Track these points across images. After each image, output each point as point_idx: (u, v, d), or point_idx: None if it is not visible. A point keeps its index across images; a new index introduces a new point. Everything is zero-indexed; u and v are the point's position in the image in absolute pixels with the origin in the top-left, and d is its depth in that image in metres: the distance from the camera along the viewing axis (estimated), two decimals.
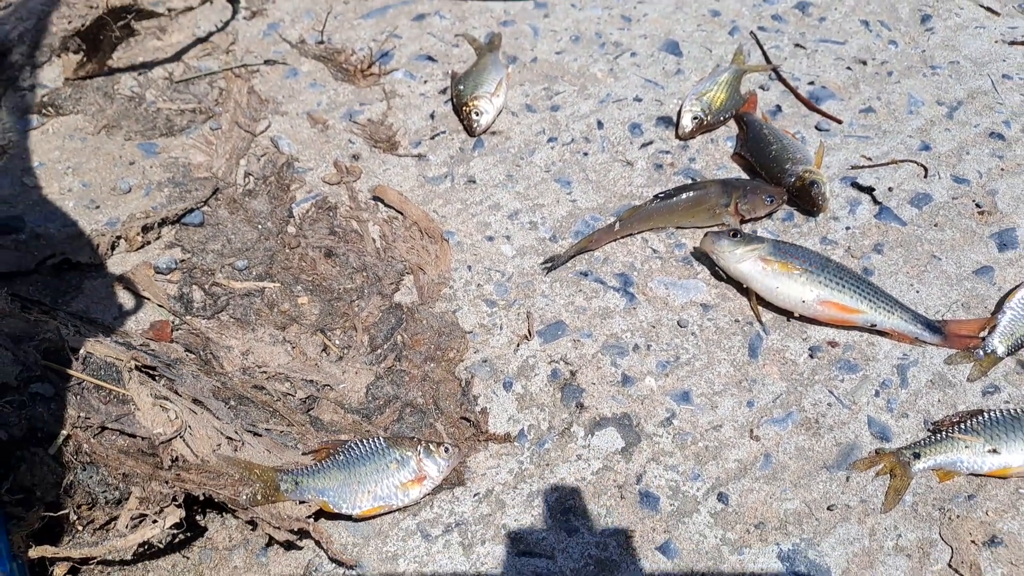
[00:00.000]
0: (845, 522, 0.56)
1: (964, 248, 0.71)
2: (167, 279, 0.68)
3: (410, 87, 0.85)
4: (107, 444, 0.50)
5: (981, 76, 0.87)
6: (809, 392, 0.63)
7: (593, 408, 0.62)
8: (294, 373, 0.61)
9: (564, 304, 0.68)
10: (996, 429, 0.59)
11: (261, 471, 0.52)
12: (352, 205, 0.74)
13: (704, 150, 0.79)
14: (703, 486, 0.58)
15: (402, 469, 0.55)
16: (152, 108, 0.81)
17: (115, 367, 0.52)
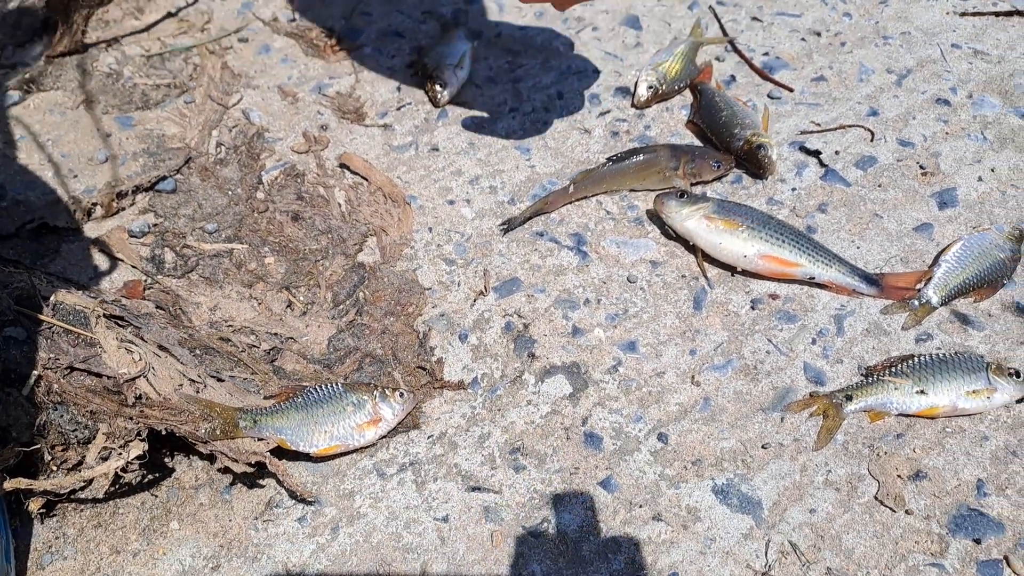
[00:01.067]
0: (778, 459, 0.59)
1: (906, 207, 0.74)
2: (140, 242, 0.71)
3: (378, 61, 0.89)
4: (75, 384, 0.53)
5: (931, 46, 0.89)
6: (749, 341, 0.66)
7: (544, 358, 0.65)
8: (259, 327, 0.65)
9: (520, 262, 0.71)
10: (924, 372, 0.62)
11: (221, 409, 0.55)
12: (319, 172, 0.77)
13: (659, 118, 0.83)
14: (645, 427, 0.61)
15: (358, 412, 0.58)
16: (129, 84, 0.84)
17: (83, 313, 0.56)
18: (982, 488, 0.57)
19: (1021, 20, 0.92)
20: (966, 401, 0.60)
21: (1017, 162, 0.77)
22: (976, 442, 0.60)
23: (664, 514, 0.57)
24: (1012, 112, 0.82)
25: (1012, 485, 0.57)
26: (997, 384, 0.61)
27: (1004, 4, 0.94)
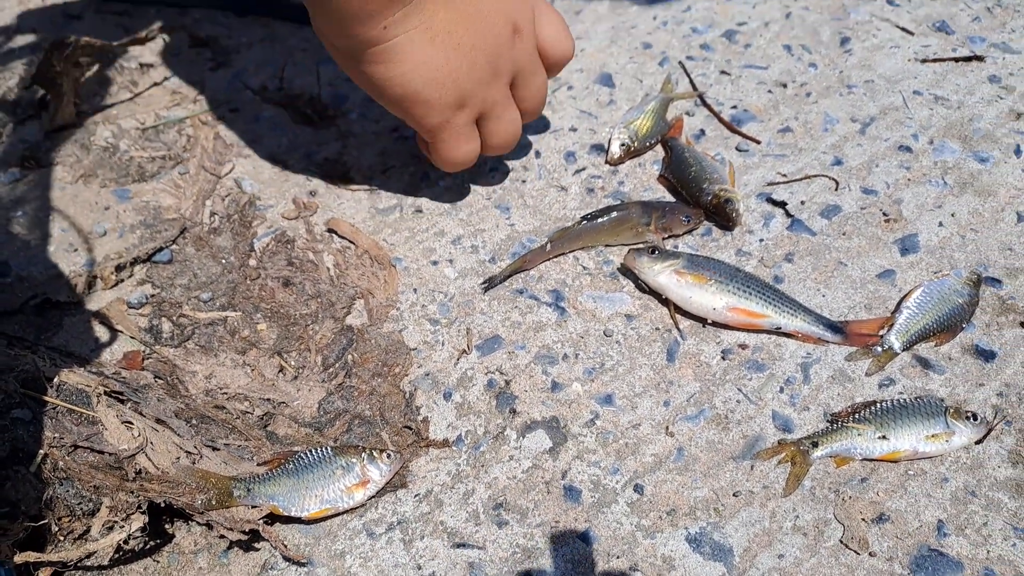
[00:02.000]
0: (748, 506, 0.62)
1: (869, 254, 0.78)
2: (139, 313, 0.75)
3: (363, 126, 0.93)
4: (79, 460, 0.57)
5: (893, 93, 0.93)
6: (720, 391, 0.69)
7: (525, 413, 0.68)
8: (252, 393, 0.68)
9: (501, 320, 0.75)
10: (885, 417, 0.65)
11: (216, 479, 0.58)
12: (309, 238, 0.81)
13: (632, 174, 0.86)
14: (621, 479, 0.64)
15: (347, 474, 0.62)
16: (125, 157, 0.88)
17: (85, 392, 0.59)
18: (942, 528, 0.60)
19: (980, 65, 0.96)
20: (926, 445, 0.64)
21: (976, 206, 0.81)
22: (937, 484, 0.63)
23: (640, 564, 0.60)
24: (971, 157, 0.86)
25: (971, 525, 0.60)
26: (955, 427, 0.64)
27: (963, 49, 0.98)
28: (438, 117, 0.70)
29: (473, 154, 0.76)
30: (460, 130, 0.72)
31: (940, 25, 1.02)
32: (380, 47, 0.65)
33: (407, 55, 0.66)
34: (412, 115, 0.71)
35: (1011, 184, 0.83)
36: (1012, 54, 0.97)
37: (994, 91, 0.93)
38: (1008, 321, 0.72)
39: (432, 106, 0.69)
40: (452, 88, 0.68)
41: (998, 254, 0.77)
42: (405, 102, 0.69)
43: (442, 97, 0.69)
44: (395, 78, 0.67)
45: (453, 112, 0.70)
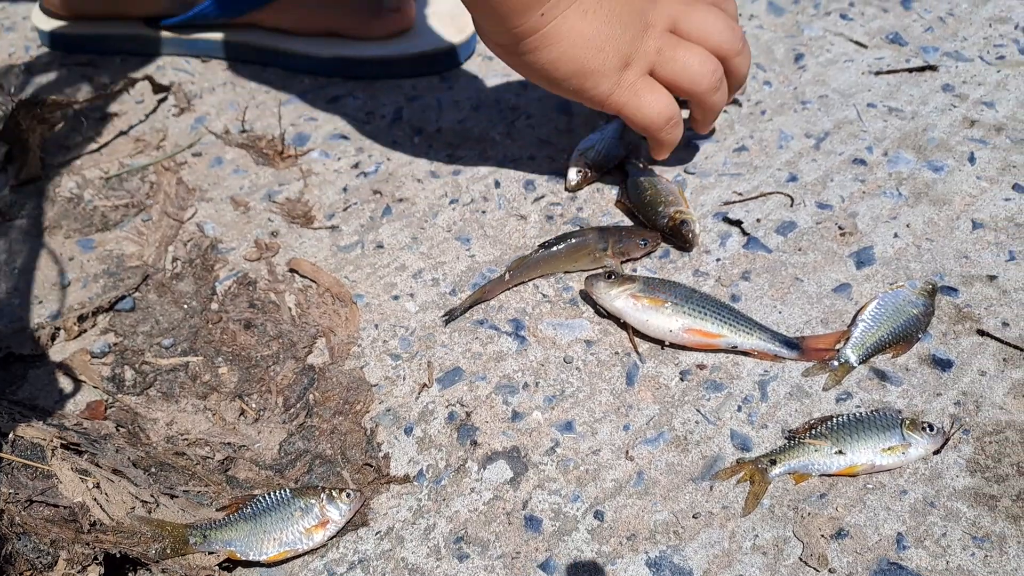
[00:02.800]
0: (708, 528, 0.62)
1: (825, 269, 0.78)
2: (102, 362, 0.75)
3: (325, 165, 0.94)
4: (36, 515, 0.57)
5: (848, 107, 0.94)
6: (679, 412, 0.69)
7: (486, 444, 0.69)
8: (213, 437, 0.68)
9: (462, 352, 0.75)
10: (841, 432, 0.65)
11: (172, 528, 0.59)
12: (270, 279, 0.82)
13: (591, 200, 0.87)
14: (582, 506, 0.64)
15: (306, 516, 0.62)
16: (89, 207, 0.89)
17: (40, 446, 0.60)
18: (902, 541, 0.60)
19: (933, 74, 0.97)
20: (883, 458, 0.64)
21: (931, 216, 0.82)
22: (895, 496, 0.63)
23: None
24: (926, 166, 0.86)
25: (930, 536, 0.60)
26: (911, 439, 0.64)
27: (916, 60, 0.99)
28: (609, 81, 0.75)
29: (667, 104, 0.78)
30: (635, 86, 0.76)
31: (893, 37, 1.03)
32: (540, 33, 0.72)
33: (565, 34, 0.72)
34: (585, 89, 0.76)
35: (965, 192, 0.84)
36: (964, 62, 0.98)
37: (947, 100, 0.94)
38: (964, 329, 0.72)
39: (600, 73, 0.74)
40: (613, 51, 0.74)
41: (954, 263, 0.77)
42: (575, 78, 0.74)
43: (606, 62, 0.74)
44: (559, 58, 0.73)
45: (620, 73, 0.75)
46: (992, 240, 0.79)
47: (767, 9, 1.09)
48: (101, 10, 1.05)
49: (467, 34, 1.04)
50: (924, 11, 1.06)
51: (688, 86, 0.78)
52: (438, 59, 1.03)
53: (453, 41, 1.03)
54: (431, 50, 1.02)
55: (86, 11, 1.05)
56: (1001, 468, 0.63)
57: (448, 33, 1.04)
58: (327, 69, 1.03)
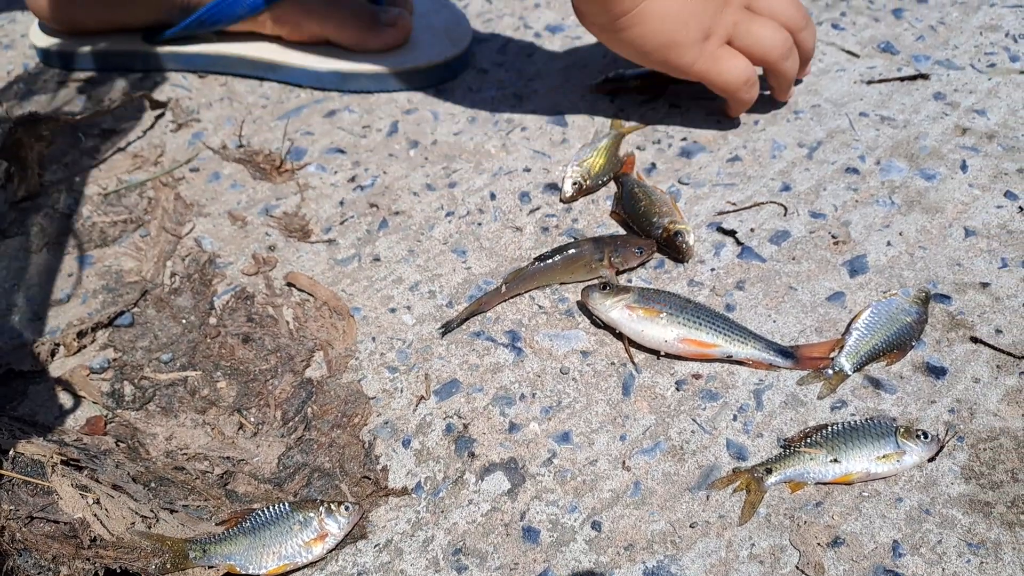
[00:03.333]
0: (705, 537, 0.63)
1: (819, 277, 0.79)
2: (101, 378, 0.76)
3: (321, 179, 0.94)
4: (36, 531, 0.57)
5: (840, 116, 0.95)
6: (675, 422, 0.70)
7: (483, 456, 0.69)
8: (212, 452, 0.69)
9: (459, 364, 0.76)
10: (836, 440, 0.66)
11: (172, 542, 0.59)
12: (268, 292, 0.82)
13: (586, 211, 0.88)
14: (580, 517, 0.65)
15: (305, 529, 0.62)
16: (88, 223, 0.90)
17: (40, 463, 0.60)
18: (897, 549, 0.61)
19: (925, 83, 0.98)
20: (878, 466, 0.64)
21: (924, 223, 0.82)
22: (891, 504, 0.63)
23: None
24: (918, 175, 0.87)
25: (925, 543, 0.61)
26: (906, 447, 0.64)
27: (908, 69, 1.00)
28: (692, 52, 0.84)
29: (745, 67, 0.87)
30: (717, 54, 0.85)
31: (885, 46, 1.04)
32: (634, 11, 0.81)
33: (656, 11, 0.81)
34: (671, 60, 0.85)
35: (958, 200, 0.84)
36: (956, 70, 0.99)
37: (939, 108, 0.95)
38: (958, 337, 0.73)
39: (685, 44, 0.83)
40: (695, 24, 0.83)
41: (947, 270, 0.78)
42: (662, 49, 0.84)
43: (689, 34, 0.83)
44: (649, 33, 0.83)
45: (702, 44, 0.84)
46: (985, 247, 0.79)
47: None
48: (99, 23, 1.06)
49: (462, 47, 1.05)
50: (915, 20, 1.07)
51: (762, 54, 0.87)
52: (434, 72, 1.04)
53: (448, 54, 1.04)
54: (427, 64, 1.03)
55: (85, 25, 1.06)
56: (996, 475, 0.64)
57: (444, 46, 1.04)
58: (323, 82, 1.04)
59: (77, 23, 1.06)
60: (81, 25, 1.06)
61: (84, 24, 1.06)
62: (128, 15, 1.05)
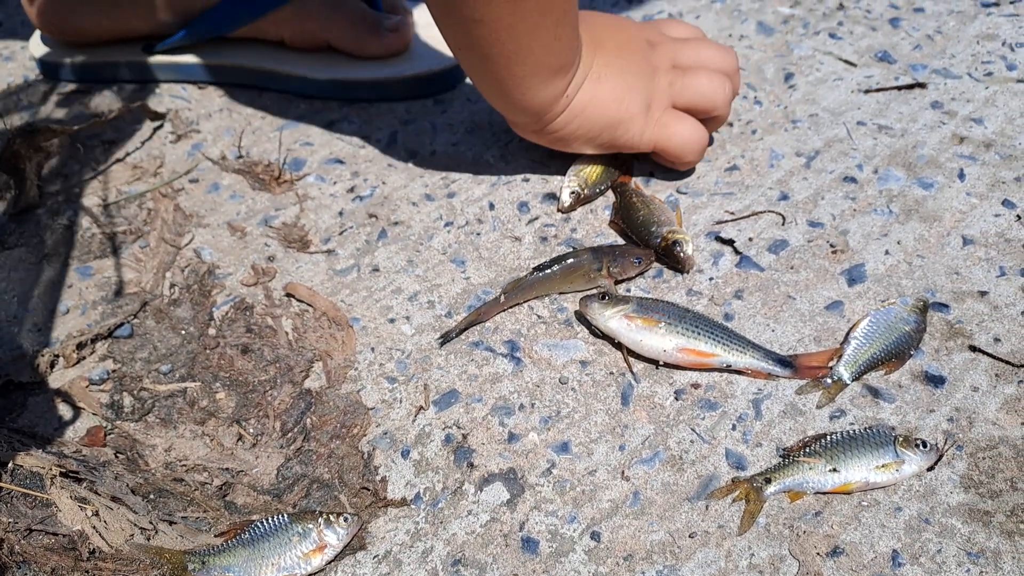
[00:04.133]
0: (704, 547, 0.63)
1: (817, 286, 0.79)
2: (100, 389, 0.76)
3: (321, 189, 0.94)
4: (35, 544, 0.57)
5: (838, 125, 0.95)
6: (674, 432, 0.70)
7: (482, 466, 0.69)
8: (211, 463, 0.69)
9: (458, 374, 0.76)
10: (835, 449, 0.66)
11: (170, 554, 0.59)
12: (267, 303, 0.82)
13: (584, 220, 0.88)
14: (579, 527, 0.65)
15: (304, 540, 0.62)
16: (87, 234, 0.90)
17: (39, 475, 0.60)
18: (897, 559, 0.61)
19: (922, 91, 0.99)
20: (877, 475, 0.64)
21: (922, 232, 0.82)
22: (890, 514, 0.63)
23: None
24: (916, 183, 0.87)
25: (925, 553, 0.61)
26: (905, 456, 0.64)
27: (905, 78, 1.01)
28: (638, 124, 0.83)
29: (696, 129, 0.85)
30: (663, 119, 0.84)
31: (882, 55, 1.04)
32: (565, 111, 0.80)
33: (588, 102, 0.80)
34: (619, 139, 0.84)
35: (956, 208, 0.84)
36: (953, 79, 0.99)
37: (937, 117, 0.95)
38: (957, 345, 0.73)
39: (629, 119, 0.82)
40: (632, 99, 0.81)
41: (945, 279, 0.78)
42: (607, 130, 0.82)
43: (630, 107, 0.82)
44: (586, 123, 0.82)
45: (646, 112, 0.83)
46: (983, 256, 0.79)
47: (756, 30, 1.10)
48: (98, 32, 1.06)
49: None
50: (912, 29, 1.08)
51: (707, 105, 0.85)
52: (433, 81, 1.04)
53: (449, 63, 1.04)
54: (427, 72, 1.03)
55: (83, 34, 1.06)
56: (995, 484, 0.64)
57: (443, 55, 1.05)
58: (323, 91, 1.04)
59: (76, 32, 1.06)
60: (80, 34, 1.07)
61: (83, 33, 1.06)
62: (127, 23, 1.05)
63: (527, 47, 0.72)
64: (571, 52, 0.77)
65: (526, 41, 0.72)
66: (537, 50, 0.73)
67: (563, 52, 0.75)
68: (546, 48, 0.73)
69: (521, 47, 0.72)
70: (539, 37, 0.72)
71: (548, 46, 0.73)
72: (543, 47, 0.73)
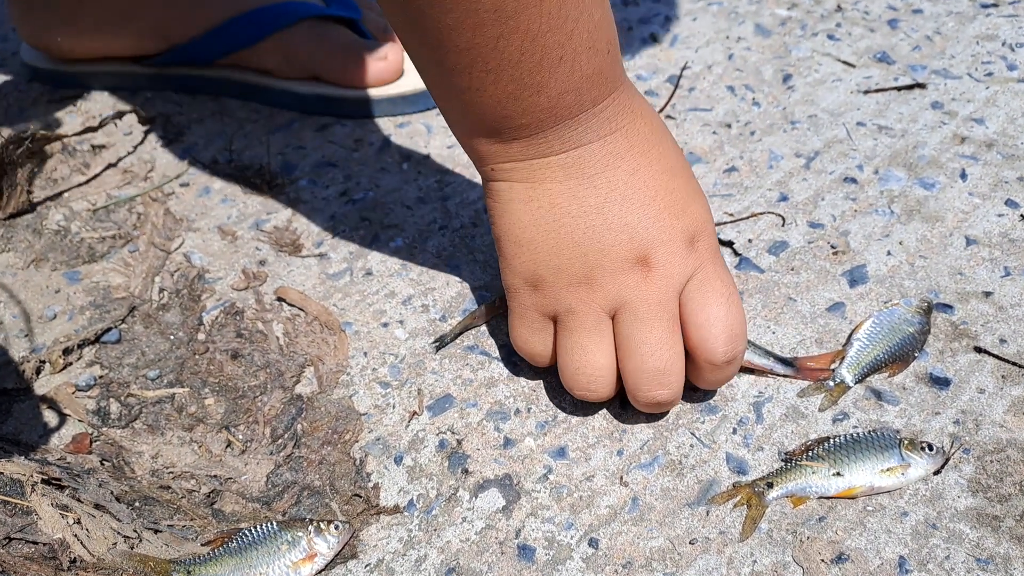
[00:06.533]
0: (705, 554, 0.61)
1: (818, 288, 0.77)
2: (87, 395, 0.74)
3: (313, 193, 0.93)
4: (14, 553, 0.55)
5: (837, 126, 0.94)
6: (674, 436, 0.68)
7: (477, 472, 0.67)
8: (199, 470, 0.67)
9: (452, 378, 0.74)
10: (839, 453, 0.64)
11: (155, 563, 0.57)
12: (258, 308, 0.81)
13: None
14: (576, 534, 0.63)
15: (293, 549, 0.60)
16: (76, 239, 0.89)
17: (20, 482, 0.58)
18: (904, 565, 0.59)
19: (922, 92, 0.97)
20: (882, 479, 0.62)
21: (924, 233, 0.81)
22: (896, 519, 0.61)
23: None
24: (917, 184, 0.86)
25: (932, 559, 0.59)
26: (910, 459, 0.63)
27: (905, 78, 0.99)
28: (511, 278, 0.64)
29: (538, 348, 0.66)
30: (526, 311, 0.64)
31: (881, 56, 1.03)
32: (488, 183, 0.63)
33: (501, 200, 0.61)
34: (500, 261, 0.65)
35: (958, 208, 0.83)
36: (953, 79, 0.98)
37: (937, 117, 0.94)
38: (961, 347, 0.72)
39: (507, 263, 0.63)
40: (527, 257, 0.61)
41: (948, 279, 0.77)
42: (496, 242, 0.64)
43: (516, 258, 0.62)
44: (492, 216, 0.64)
45: (523, 285, 0.63)
46: (986, 256, 0.78)
47: (755, 31, 1.09)
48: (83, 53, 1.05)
49: None
50: (911, 30, 1.07)
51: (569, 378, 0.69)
52: (421, 99, 1.02)
53: None
54: (412, 91, 1.01)
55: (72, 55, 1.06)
56: (1003, 487, 0.62)
57: None
58: (309, 106, 1.03)
59: (59, 52, 1.06)
60: (63, 54, 1.06)
61: (66, 54, 1.06)
62: (109, 48, 1.04)
63: None
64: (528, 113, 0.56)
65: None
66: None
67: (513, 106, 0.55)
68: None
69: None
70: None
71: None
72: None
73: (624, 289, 0.59)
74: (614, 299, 0.60)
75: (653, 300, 0.59)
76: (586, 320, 0.61)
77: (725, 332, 0.61)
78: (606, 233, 0.58)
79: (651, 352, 0.60)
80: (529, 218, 0.60)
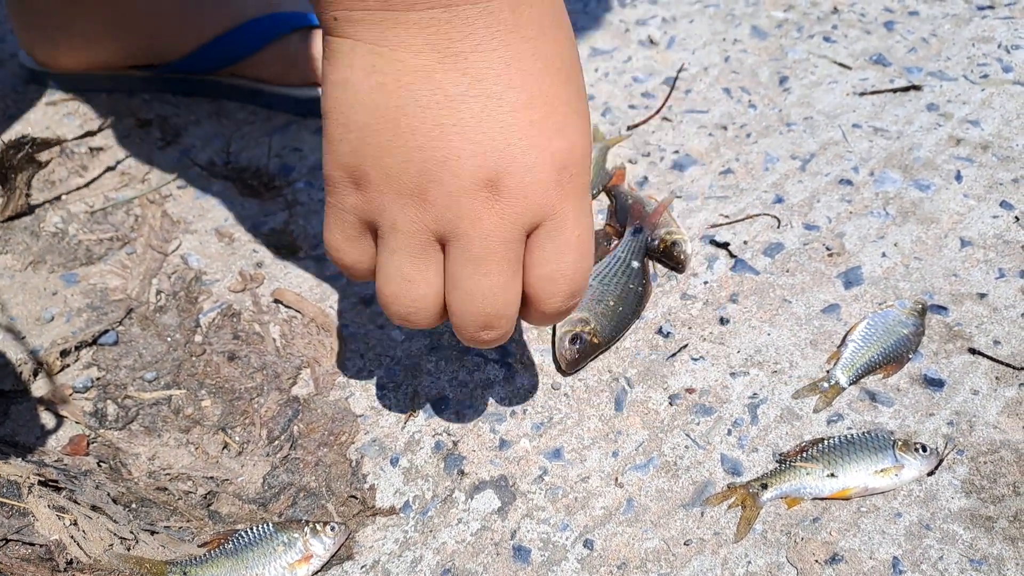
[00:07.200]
0: (700, 555, 0.61)
1: (813, 289, 0.78)
2: (84, 397, 0.74)
3: (310, 195, 0.93)
4: (11, 554, 0.56)
5: (833, 128, 0.94)
6: (668, 437, 0.68)
7: (473, 473, 0.68)
8: (196, 472, 0.67)
9: (448, 380, 0.74)
10: (833, 454, 0.64)
11: (151, 564, 0.57)
12: (255, 310, 0.81)
13: None
14: (571, 535, 0.63)
15: (289, 550, 0.60)
16: (74, 241, 0.89)
17: (16, 483, 0.59)
18: (897, 566, 0.59)
19: (918, 94, 0.98)
20: (876, 480, 0.63)
21: (919, 234, 0.81)
22: (890, 520, 0.62)
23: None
24: (912, 185, 0.86)
25: (926, 560, 0.59)
26: (904, 460, 0.63)
27: (900, 80, 1.00)
28: (331, 168, 0.50)
29: (351, 258, 0.54)
30: (343, 213, 0.51)
31: (877, 58, 1.03)
32: (328, 39, 0.48)
33: (338, 65, 0.47)
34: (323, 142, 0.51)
35: (953, 210, 0.83)
36: (948, 81, 0.98)
37: (932, 119, 0.94)
38: (956, 348, 0.72)
39: (330, 146, 0.49)
40: (354, 146, 0.47)
41: (943, 281, 0.77)
42: (322, 119, 0.50)
43: (341, 143, 0.48)
44: (323, 84, 0.49)
45: (344, 180, 0.50)
46: (981, 258, 0.78)
47: (751, 33, 1.09)
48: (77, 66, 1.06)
49: None
50: (907, 32, 1.07)
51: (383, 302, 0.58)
52: None
53: None
54: None
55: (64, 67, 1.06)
56: (997, 488, 0.62)
57: None
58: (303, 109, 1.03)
59: (56, 64, 1.06)
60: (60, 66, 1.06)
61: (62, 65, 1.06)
62: (103, 61, 1.04)
63: None
64: None
65: None
66: None
67: None
68: None
69: None
70: None
71: None
72: None
73: (462, 217, 0.47)
74: (448, 226, 0.48)
75: (495, 237, 0.47)
76: (411, 243, 0.49)
77: (568, 288, 0.51)
78: (454, 137, 0.45)
79: (482, 298, 0.50)
80: (366, 96, 0.46)
